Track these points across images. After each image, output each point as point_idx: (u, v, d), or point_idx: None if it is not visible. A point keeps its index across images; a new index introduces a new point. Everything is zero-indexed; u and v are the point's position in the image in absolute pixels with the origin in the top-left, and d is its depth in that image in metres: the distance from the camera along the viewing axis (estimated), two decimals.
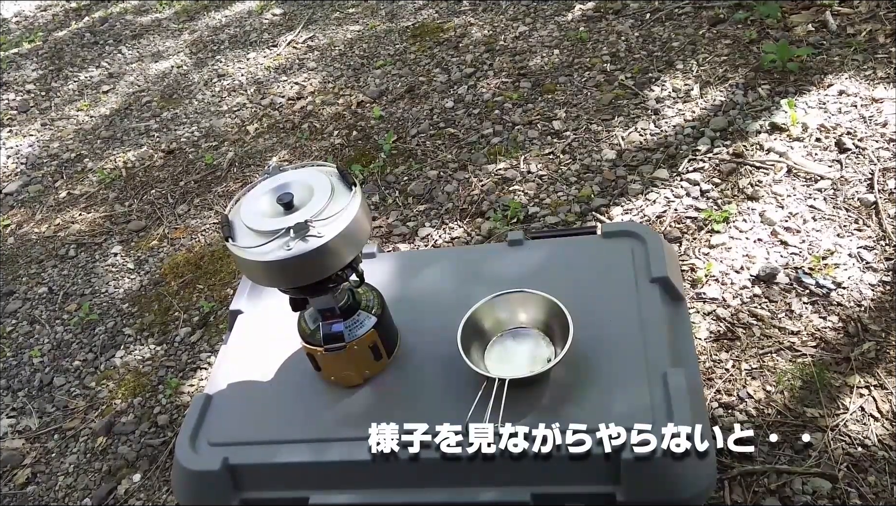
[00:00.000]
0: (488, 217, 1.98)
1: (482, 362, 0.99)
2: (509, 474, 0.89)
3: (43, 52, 3.77)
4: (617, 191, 1.95)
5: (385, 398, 1.01)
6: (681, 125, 2.11)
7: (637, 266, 1.10)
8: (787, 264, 1.62)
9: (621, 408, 0.88)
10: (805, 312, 1.52)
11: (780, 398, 1.38)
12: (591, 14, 2.75)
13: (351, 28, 3.19)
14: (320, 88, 2.81)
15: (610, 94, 2.30)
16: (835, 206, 1.73)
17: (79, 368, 1.92)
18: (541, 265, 1.17)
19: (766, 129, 2.00)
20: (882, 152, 1.84)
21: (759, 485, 1.26)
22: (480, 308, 1.01)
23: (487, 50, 2.72)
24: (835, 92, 2.05)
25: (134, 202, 2.50)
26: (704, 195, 1.86)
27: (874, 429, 1.30)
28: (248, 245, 0.88)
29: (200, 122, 2.83)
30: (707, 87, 2.21)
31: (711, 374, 1.45)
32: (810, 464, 1.27)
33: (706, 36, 2.43)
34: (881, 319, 1.47)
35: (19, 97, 3.40)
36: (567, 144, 2.16)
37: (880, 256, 1.59)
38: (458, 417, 0.88)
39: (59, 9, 4.34)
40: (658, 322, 1.00)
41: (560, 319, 0.97)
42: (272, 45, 3.24)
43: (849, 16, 2.32)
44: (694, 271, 1.67)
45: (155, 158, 2.70)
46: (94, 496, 1.59)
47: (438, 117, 2.44)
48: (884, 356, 1.41)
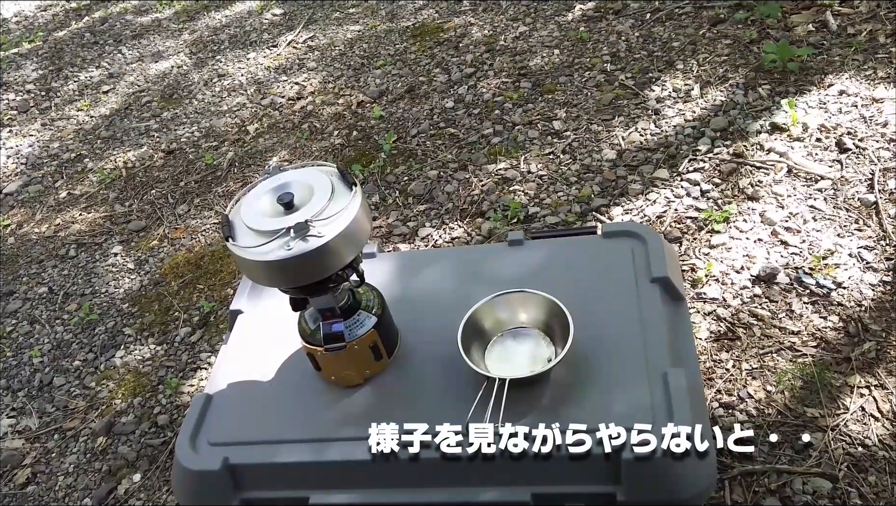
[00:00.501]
0: (488, 217, 1.98)
1: (482, 362, 0.99)
2: (509, 474, 0.89)
3: (43, 52, 3.77)
4: (617, 191, 1.95)
5: (385, 398, 1.01)
6: (681, 125, 2.11)
7: (637, 266, 1.10)
8: (787, 264, 1.62)
9: (621, 408, 0.88)
10: (805, 312, 1.52)
11: (781, 398, 1.38)
12: (592, 14, 2.75)
13: (351, 28, 3.19)
14: (320, 88, 2.81)
15: (610, 94, 2.30)
16: (835, 206, 1.73)
17: (79, 368, 1.92)
18: (541, 265, 1.17)
19: (767, 129, 2.00)
20: (882, 152, 1.84)
21: (759, 485, 1.26)
22: (481, 308, 1.01)
23: (488, 50, 2.72)
24: (835, 92, 2.05)
25: (134, 202, 2.50)
26: (705, 195, 1.86)
27: (874, 429, 1.30)
28: (249, 245, 0.88)
29: (200, 122, 2.83)
30: (707, 87, 2.21)
31: (712, 374, 1.45)
32: (811, 464, 1.27)
33: (706, 36, 2.43)
34: (881, 319, 1.47)
35: (19, 97, 3.40)
36: (567, 144, 2.16)
37: (880, 256, 1.59)
38: (458, 417, 0.88)
39: (59, 9, 4.34)
40: (658, 322, 1.00)
41: (560, 319, 0.97)
42: (272, 45, 3.24)
43: (849, 16, 2.32)
44: (694, 271, 1.67)
45: (155, 158, 2.70)
46: (94, 496, 1.59)
47: (439, 117, 2.44)
48: (884, 356, 1.41)
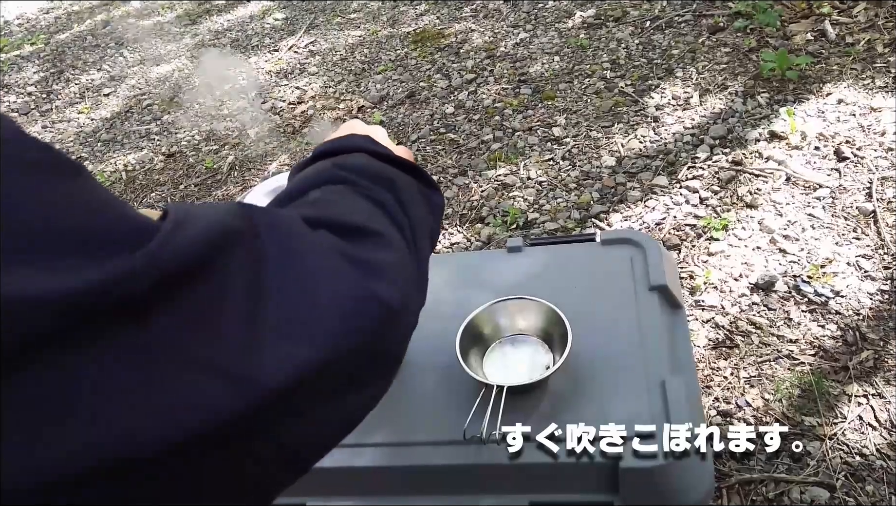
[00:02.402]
0: (488, 223, 1.98)
1: (480, 369, 0.99)
2: (507, 482, 0.88)
3: (44, 55, 3.78)
4: (616, 198, 1.95)
5: (383, 404, 1.01)
6: (680, 133, 2.11)
7: (636, 274, 1.10)
8: (785, 272, 1.62)
9: (620, 415, 0.87)
10: (803, 320, 1.52)
11: (779, 406, 1.38)
12: (592, 21, 2.76)
13: (352, 33, 3.19)
14: (321, 93, 2.82)
15: (610, 101, 2.31)
16: (833, 214, 1.74)
17: None
18: (539, 272, 1.17)
19: (765, 137, 2.01)
20: (880, 161, 1.84)
21: (756, 494, 1.26)
22: (479, 315, 1.01)
23: (488, 56, 2.72)
24: (833, 101, 2.05)
25: (134, 205, 2.50)
26: (703, 203, 1.87)
27: (872, 438, 1.30)
28: None
29: (201, 125, 2.84)
30: (706, 94, 2.22)
31: (710, 381, 1.45)
32: (808, 473, 1.27)
33: (706, 44, 2.44)
34: (879, 328, 1.47)
35: (20, 99, 3.40)
36: (567, 151, 2.16)
37: (878, 265, 1.59)
38: (456, 423, 0.88)
39: (61, 11, 4.35)
40: (657, 330, 1.00)
41: (559, 326, 0.97)
42: (273, 49, 3.25)
43: (847, 25, 2.33)
44: (693, 279, 1.67)
45: (155, 161, 2.70)
46: None
47: (439, 123, 2.45)
48: (882, 365, 1.41)
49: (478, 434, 0.85)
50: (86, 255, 0.29)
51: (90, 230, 0.30)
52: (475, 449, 0.87)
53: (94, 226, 0.30)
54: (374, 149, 0.59)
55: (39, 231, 0.28)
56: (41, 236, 0.28)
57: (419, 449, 0.91)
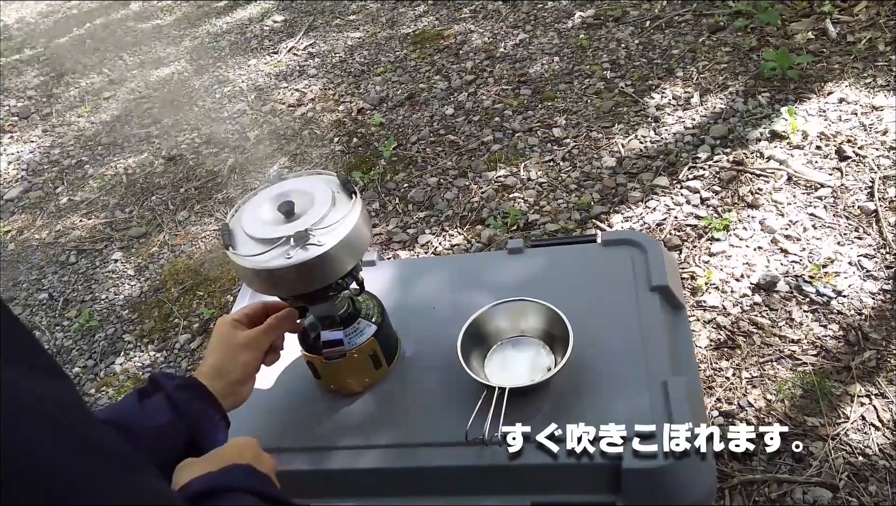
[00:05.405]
0: (488, 224, 1.98)
1: (482, 371, 0.98)
2: (510, 483, 0.88)
3: (44, 59, 3.78)
4: (617, 198, 1.95)
5: (385, 407, 1.01)
6: (681, 133, 2.11)
7: (637, 274, 1.10)
8: (787, 272, 1.62)
9: (621, 417, 0.87)
10: (805, 320, 1.52)
11: (781, 407, 1.38)
12: (592, 21, 2.76)
13: (352, 35, 3.19)
14: (321, 95, 2.82)
15: (610, 102, 2.30)
16: (835, 214, 1.73)
17: (79, 375, 1.92)
18: (540, 273, 1.16)
19: (767, 136, 2.00)
20: (882, 160, 1.84)
21: (759, 494, 1.26)
22: (480, 316, 1.01)
23: (488, 57, 2.72)
24: (835, 100, 2.05)
25: (134, 208, 2.50)
26: (704, 203, 1.86)
27: (875, 438, 1.30)
28: (248, 253, 0.88)
29: (201, 128, 2.84)
30: (707, 94, 2.22)
31: (712, 382, 1.45)
32: (811, 473, 1.27)
33: (706, 43, 2.44)
34: (882, 328, 1.47)
35: (20, 103, 3.40)
36: (567, 152, 2.16)
37: (881, 265, 1.59)
38: (458, 425, 0.88)
39: (60, 15, 4.35)
40: (658, 331, 1.00)
41: (560, 328, 0.97)
42: (273, 51, 3.25)
43: (849, 24, 2.33)
44: (694, 279, 1.67)
45: (155, 164, 2.70)
46: None
47: (439, 124, 2.44)
48: (884, 365, 1.41)
49: (480, 436, 0.85)
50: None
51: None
52: (477, 451, 0.87)
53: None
54: (259, 489, 0.58)
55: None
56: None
57: (421, 451, 0.91)
